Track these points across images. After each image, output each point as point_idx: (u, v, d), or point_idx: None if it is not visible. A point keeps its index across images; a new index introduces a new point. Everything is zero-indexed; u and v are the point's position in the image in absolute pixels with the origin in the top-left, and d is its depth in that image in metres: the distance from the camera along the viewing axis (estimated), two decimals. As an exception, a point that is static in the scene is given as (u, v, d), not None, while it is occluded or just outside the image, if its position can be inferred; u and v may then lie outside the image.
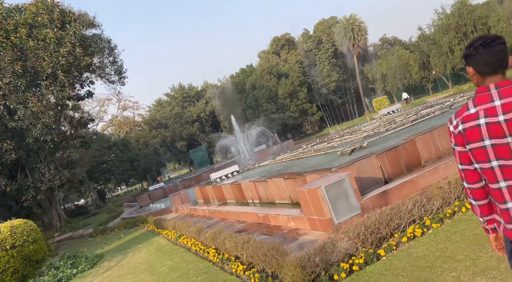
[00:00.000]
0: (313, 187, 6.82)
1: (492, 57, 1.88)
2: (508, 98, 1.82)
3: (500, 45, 1.89)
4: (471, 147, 1.93)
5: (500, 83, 1.88)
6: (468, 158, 1.99)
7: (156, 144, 56.03)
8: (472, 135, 1.90)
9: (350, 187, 6.86)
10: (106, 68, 27.71)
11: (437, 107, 13.71)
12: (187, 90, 68.81)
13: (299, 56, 52.96)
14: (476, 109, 1.90)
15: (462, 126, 1.95)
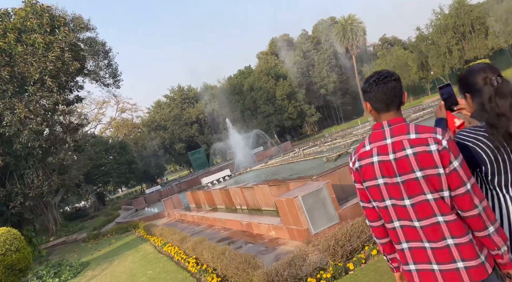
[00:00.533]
0: (290, 196, 6.74)
1: (385, 94, 1.82)
2: (398, 137, 1.77)
3: (393, 82, 1.83)
4: (367, 185, 1.88)
5: (392, 120, 1.82)
6: (367, 196, 1.93)
7: (154, 146, 56.03)
8: (367, 173, 1.85)
9: (328, 196, 6.76)
10: (101, 71, 27.68)
11: (427, 111, 13.59)
12: (186, 92, 68.83)
13: (298, 57, 52.87)
14: (371, 146, 1.85)
15: (359, 163, 1.89)
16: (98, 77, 27.09)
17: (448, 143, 1.68)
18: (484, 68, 1.90)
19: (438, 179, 1.69)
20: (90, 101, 51.71)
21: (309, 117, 46.80)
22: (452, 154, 1.68)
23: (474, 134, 1.85)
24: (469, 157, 1.82)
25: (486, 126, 1.81)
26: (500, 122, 1.76)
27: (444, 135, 1.71)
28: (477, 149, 1.83)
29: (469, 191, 1.68)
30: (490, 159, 1.81)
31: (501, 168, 1.80)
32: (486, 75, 1.86)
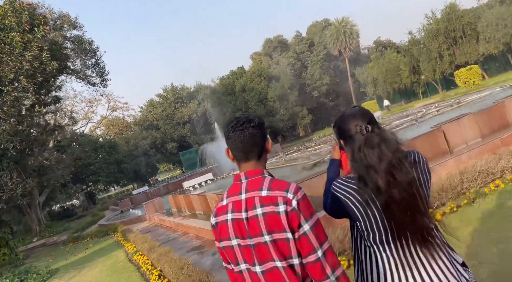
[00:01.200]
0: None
1: (242, 142, 1.61)
2: (252, 192, 1.56)
3: (251, 128, 1.62)
4: (223, 245, 1.66)
5: (250, 172, 1.62)
6: (225, 256, 1.71)
7: (146, 146, 55.63)
8: (223, 231, 1.63)
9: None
10: (88, 70, 27.33)
11: (408, 119, 13.46)
12: (180, 91, 68.51)
13: (291, 58, 52.70)
14: (227, 201, 1.64)
15: (215, 219, 1.68)
16: (85, 76, 26.75)
17: (299, 203, 1.51)
18: (355, 114, 1.72)
19: (286, 244, 1.49)
20: (81, 99, 51.24)
21: (301, 119, 46.64)
22: (303, 216, 1.50)
23: (346, 186, 1.66)
24: (344, 211, 1.65)
25: (356, 178, 1.62)
26: (369, 174, 1.57)
27: (296, 193, 1.53)
28: (348, 202, 1.64)
29: (320, 258, 1.49)
30: (361, 214, 1.61)
31: (373, 224, 1.60)
32: (357, 122, 1.67)
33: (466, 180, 6.27)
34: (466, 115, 9.67)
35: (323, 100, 51.76)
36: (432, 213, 5.46)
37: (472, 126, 9.59)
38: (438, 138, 9.23)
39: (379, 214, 1.59)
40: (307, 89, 50.61)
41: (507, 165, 6.53)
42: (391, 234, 1.58)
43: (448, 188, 6.11)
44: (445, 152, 9.22)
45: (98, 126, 54.18)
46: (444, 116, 12.58)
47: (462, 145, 9.42)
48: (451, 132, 9.36)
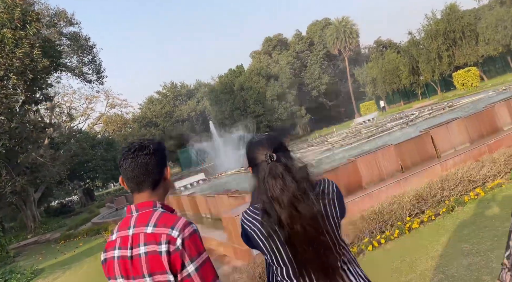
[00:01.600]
0: (232, 214, 6.45)
1: (133, 171, 1.52)
2: (139, 228, 1.45)
3: (145, 156, 1.52)
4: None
5: (141, 204, 1.52)
6: None
7: (144, 143, 55.56)
8: (110, 269, 1.53)
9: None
10: (84, 67, 27.29)
11: (399, 122, 13.37)
12: (179, 88, 68.43)
13: (291, 57, 52.53)
14: (116, 236, 1.54)
15: (104, 255, 1.59)
16: (81, 73, 26.70)
17: (184, 242, 1.39)
18: (262, 141, 1.64)
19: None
20: (80, 95, 51.22)
21: (299, 118, 46.52)
22: (188, 256, 1.38)
23: (251, 217, 1.58)
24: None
25: (261, 209, 1.53)
26: (272, 206, 1.48)
27: (183, 230, 1.40)
28: (253, 235, 1.55)
29: None
30: (266, 247, 1.53)
31: (279, 258, 1.51)
32: (263, 150, 1.57)
33: (447, 187, 6.19)
34: (455, 119, 9.59)
35: (322, 99, 51.62)
36: (410, 221, 5.40)
37: (461, 131, 9.51)
38: (426, 143, 9.15)
39: (283, 248, 1.50)
40: (306, 88, 50.48)
41: (489, 173, 6.45)
42: (297, 270, 1.50)
43: (428, 196, 6.03)
44: (432, 156, 9.14)
45: (97, 123, 54.15)
46: (435, 119, 12.49)
47: (450, 150, 9.34)
48: (439, 137, 9.27)
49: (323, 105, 53.01)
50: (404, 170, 8.80)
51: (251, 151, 1.63)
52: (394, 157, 8.75)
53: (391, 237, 5.28)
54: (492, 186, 6.13)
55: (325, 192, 1.58)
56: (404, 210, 5.75)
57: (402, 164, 8.82)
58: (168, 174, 1.59)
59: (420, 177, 7.88)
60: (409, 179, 7.81)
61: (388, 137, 11.31)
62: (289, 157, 1.58)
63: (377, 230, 5.56)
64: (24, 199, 27.95)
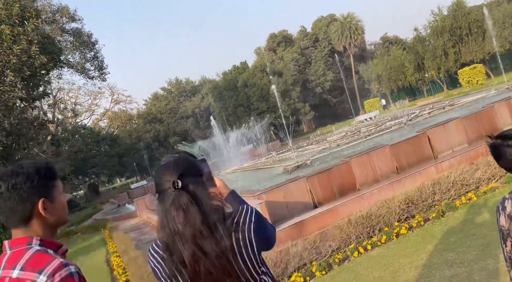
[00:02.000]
0: None
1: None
2: (6, 270, 1.25)
3: (6, 192, 1.31)
4: None
5: (14, 241, 1.32)
6: None
7: (148, 139, 55.68)
8: None
9: (260, 218, 6.35)
10: (87, 64, 27.29)
11: (398, 121, 13.14)
12: (184, 85, 68.45)
13: (295, 53, 52.19)
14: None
15: None
16: (83, 69, 26.70)
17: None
18: (169, 164, 1.43)
19: None
20: (85, 91, 51.32)
21: (303, 115, 46.26)
22: None
23: (156, 253, 1.42)
24: None
25: (164, 244, 1.37)
26: (174, 242, 1.31)
27: (53, 276, 1.20)
28: (157, 272, 1.40)
29: None
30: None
31: None
32: (169, 175, 1.37)
33: (438, 191, 6.02)
34: (453, 119, 9.37)
35: (326, 96, 51.27)
36: (398, 227, 5.24)
37: (459, 131, 9.29)
38: (422, 143, 8.96)
39: None
40: (310, 85, 50.16)
41: (483, 176, 6.26)
42: None
43: (419, 200, 5.86)
44: (429, 157, 8.95)
45: (101, 119, 54.35)
46: (435, 118, 12.25)
47: (448, 151, 9.14)
48: (436, 137, 9.07)
49: (328, 102, 52.70)
50: (399, 171, 8.63)
51: (157, 176, 1.44)
52: (389, 157, 8.57)
53: (378, 243, 5.13)
54: (485, 190, 5.94)
55: (239, 223, 1.38)
56: (393, 214, 5.59)
57: (398, 165, 8.64)
58: (41, 209, 1.34)
59: (414, 179, 7.70)
60: (402, 181, 7.63)
61: (385, 137, 11.12)
62: (200, 184, 1.39)
63: (364, 235, 5.42)
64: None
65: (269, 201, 7.41)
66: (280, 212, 7.49)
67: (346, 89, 56.64)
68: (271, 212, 7.40)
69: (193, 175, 1.40)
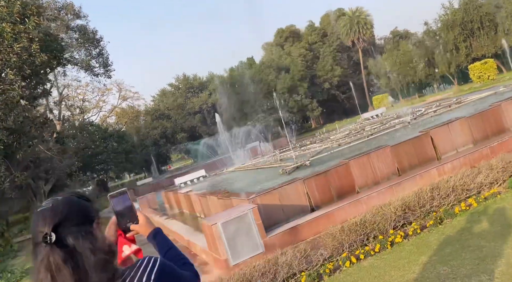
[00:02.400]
0: (210, 222, 6.16)
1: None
2: None
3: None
4: None
5: None
6: None
7: (156, 135, 55.77)
8: None
9: (253, 223, 6.18)
10: (92, 61, 27.30)
11: (403, 119, 12.77)
12: (191, 81, 68.33)
13: (303, 49, 51.64)
14: None
15: None
16: (88, 66, 26.70)
17: None
18: (44, 212, 1.17)
19: None
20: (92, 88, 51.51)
21: (310, 111, 45.83)
22: None
23: None
24: None
25: None
26: None
27: None
28: None
29: None
30: None
31: None
32: (42, 227, 1.13)
33: (437, 197, 5.75)
34: (458, 119, 9.04)
35: (334, 92, 50.70)
36: (393, 235, 5.01)
37: (464, 131, 8.97)
38: (425, 144, 8.66)
39: None
40: (318, 80, 49.62)
41: (485, 181, 5.97)
42: None
43: (416, 206, 5.60)
44: (432, 158, 8.65)
45: (109, 115, 54.61)
46: (441, 116, 11.88)
47: (452, 152, 8.83)
48: (440, 138, 8.76)
49: (336, 98, 52.11)
50: (401, 172, 8.35)
51: (32, 225, 1.19)
52: (390, 159, 8.30)
53: (371, 252, 4.91)
54: (487, 195, 5.67)
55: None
56: (388, 221, 5.35)
57: (399, 167, 8.37)
58: None
59: (415, 182, 7.43)
60: (402, 184, 7.37)
61: (388, 136, 10.80)
62: (85, 235, 1.16)
63: (358, 243, 5.19)
64: (34, 192, 28.42)
65: (264, 205, 7.22)
66: (275, 216, 7.29)
67: (355, 85, 56.04)
68: (266, 216, 7.21)
69: (76, 224, 1.17)
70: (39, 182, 27.96)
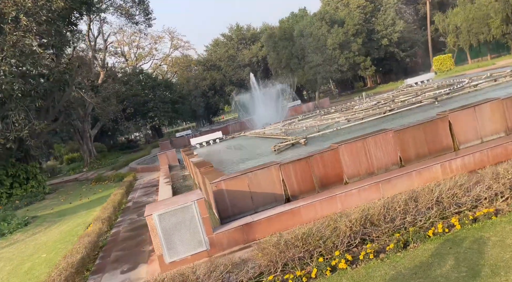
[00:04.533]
0: (147, 212, 5.49)
1: None
2: None
3: None
4: None
5: None
6: None
7: (204, 87, 55.86)
8: None
9: (198, 216, 5.44)
10: (132, 8, 26.83)
11: (439, 91, 10.82)
12: (245, 31, 66.42)
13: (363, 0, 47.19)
14: None
15: None
16: (128, 14, 26.30)
17: None
18: None
19: None
20: (146, 35, 51.92)
21: (363, 70, 42.61)
22: None
23: None
24: None
25: None
26: None
27: None
28: None
29: None
30: None
31: None
32: None
33: (413, 210, 4.54)
34: (491, 100, 7.29)
35: (393, 50, 46.43)
36: (339, 257, 4.05)
37: (495, 117, 7.28)
38: (440, 130, 7.18)
39: None
40: (375, 36, 45.55)
41: (484, 194, 4.60)
42: None
43: (382, 221, 4.47)
44: (448, 148, 7.19)
45: (161, 64, 55.26)
46: (482, 92, 9.88)
47: (475, 141, 7.27)
48: (461, 123, 7.21)
49: (395, 56, 47.81)
50: (404, 163, 7.04)
51: None
52: (392, 146, 7.00)
53: (304, 279, 3.97)
54: (478, 215, 4.36)
55: None
56: (340, 238, 4.32)
57: (403, 156, 7.04)
58: None
59: (409, 180, 6.17)
60: (393, 181, 6.14)
61: (410, 115, 9.18)
62: None
63: (296, 262, 4.26)
64: (81, 135, 29.97)
65: (230, 191, 6.44)
66: (242, 204, 6.49)
67: (420, 42, 50.94)
68: (232, 202, 6.46)
69: None
70: (85, 126, 29.33)
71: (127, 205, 11.00)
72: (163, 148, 29.08)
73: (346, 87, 60.80)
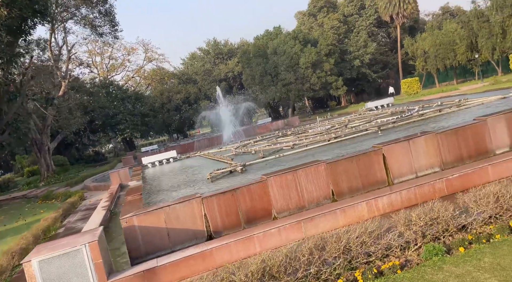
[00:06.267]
0: (27, 258, 4.87)
1: None
2: None
3: None
4: None
5: None
6: None
7: (179, 100, 55.18)
8: None
9: (89, 262, 4.85)
10: (97, 20, 26.19)
11: (373, 123, 10.69)
12: (222, 46, 66.47)
13: (337, 21, 48.03)
14: None
15: None
16: (92, 24, 25.64)
17: None
18: None
19: None
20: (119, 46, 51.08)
21: (334, 90, 43.00)
22: None
23: None
24: None
25: None
26: None
27: None
28: None
29: None
30: None
31: None
32: None
33: (317, 259, 4.14)
34: (425, 134, 7.09)
35: (365, 70, 47.22)
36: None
37: (429, 151, 7.07)
38: (374, 163, 6.89)
39: None
40: (348, 57, 46.27)
41: (395, 243, 4.25)
42: None
43: (283, 273, 4.04)
44: (382, 182, 6.90)
45: (133, 76, 54.36)
46: (426, 122, 9.77)
47: (410, 175, 7.02)
48: (395, 156, 6.95)
49: (366, 77, 48.62)
50: (336, 197, 6.70)
51: None
52: (324, 179, 6.66)
53: None
54: (383, 269, 4.00)
55: None
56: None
57: (335, 190, 6.71)
58: None
59: (334, 219, 5.81)
60: (315, 220, 5.77)
61: (352, 144, 8.94)
62: None
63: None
64: (39, 148, 28.63)
65: (144, 227, 5.90)
66: (157, 242, 5.94)
67: (390, 64, 52.06)
68: (145, 240, 5.90)
69: None
70: (43, 138, 28.03)
71: (57, 231, 10.22)
72: (125, 163, 28.14)
73: (321, 105, 61.32)
